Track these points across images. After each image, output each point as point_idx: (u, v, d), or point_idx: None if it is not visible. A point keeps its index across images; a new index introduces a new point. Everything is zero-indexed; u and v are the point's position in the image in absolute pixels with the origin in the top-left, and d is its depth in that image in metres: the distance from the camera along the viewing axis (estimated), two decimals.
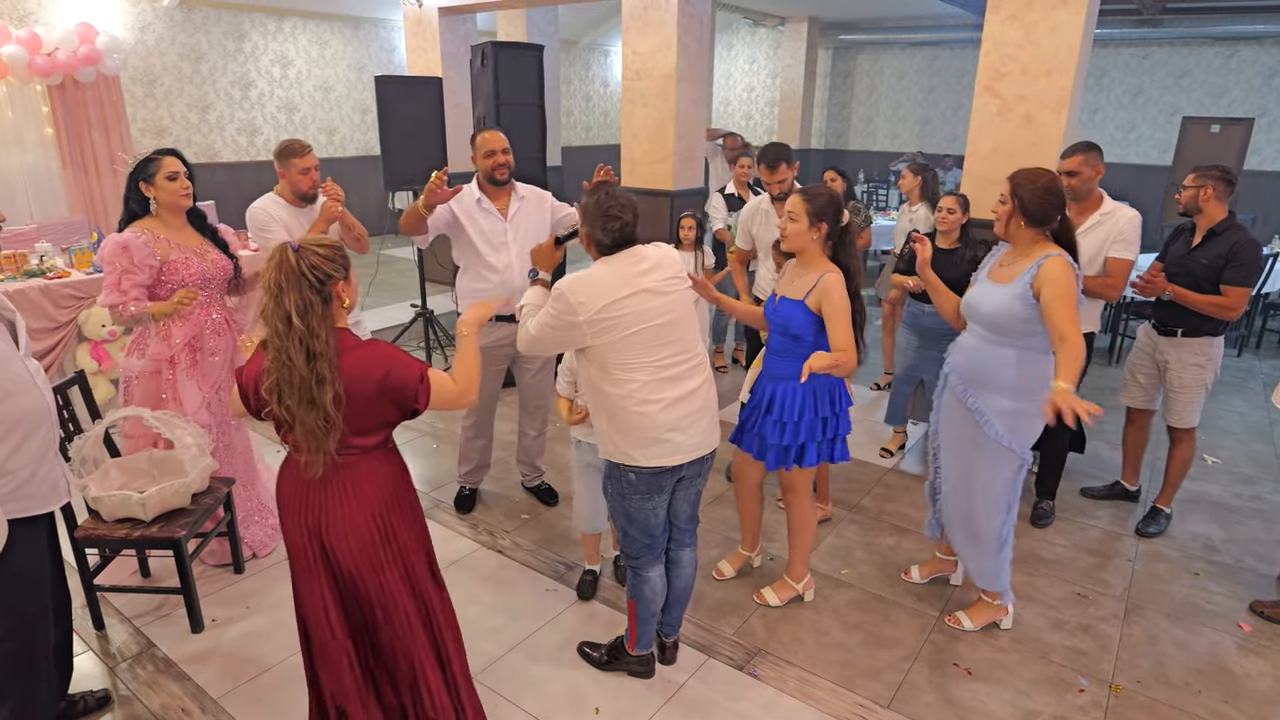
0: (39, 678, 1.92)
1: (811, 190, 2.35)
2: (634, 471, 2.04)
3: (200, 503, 2.52)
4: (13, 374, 1.76)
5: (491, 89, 4.14)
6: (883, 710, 2.22)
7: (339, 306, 1.67)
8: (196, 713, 2.19)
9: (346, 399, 1.61)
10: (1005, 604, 2.57)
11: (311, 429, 1.59)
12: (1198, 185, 2.88)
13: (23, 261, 4.04)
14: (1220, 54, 9.04)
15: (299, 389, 1.58)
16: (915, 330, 3.52)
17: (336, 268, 1.65)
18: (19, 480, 1.79)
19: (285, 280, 1.58)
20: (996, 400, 2.31)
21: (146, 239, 2.49)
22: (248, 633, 2.51)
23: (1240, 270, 2.79)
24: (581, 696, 2.25)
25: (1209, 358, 2.97)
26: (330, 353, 1.59)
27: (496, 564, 2.91)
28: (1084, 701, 2.27)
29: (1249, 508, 3.44)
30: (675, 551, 2.25)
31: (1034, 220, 2.23)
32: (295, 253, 1.60)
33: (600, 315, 1.92)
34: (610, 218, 1.97)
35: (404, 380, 1.65)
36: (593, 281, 1.94)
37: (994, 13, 3.80)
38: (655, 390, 1.98)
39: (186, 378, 2.63)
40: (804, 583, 2.69)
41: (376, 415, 1.68)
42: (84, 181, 6.37)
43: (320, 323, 1.60)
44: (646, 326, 1.95)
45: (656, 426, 1.98)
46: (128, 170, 2.50)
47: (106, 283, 2.47)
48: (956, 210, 3.33)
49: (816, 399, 2.37)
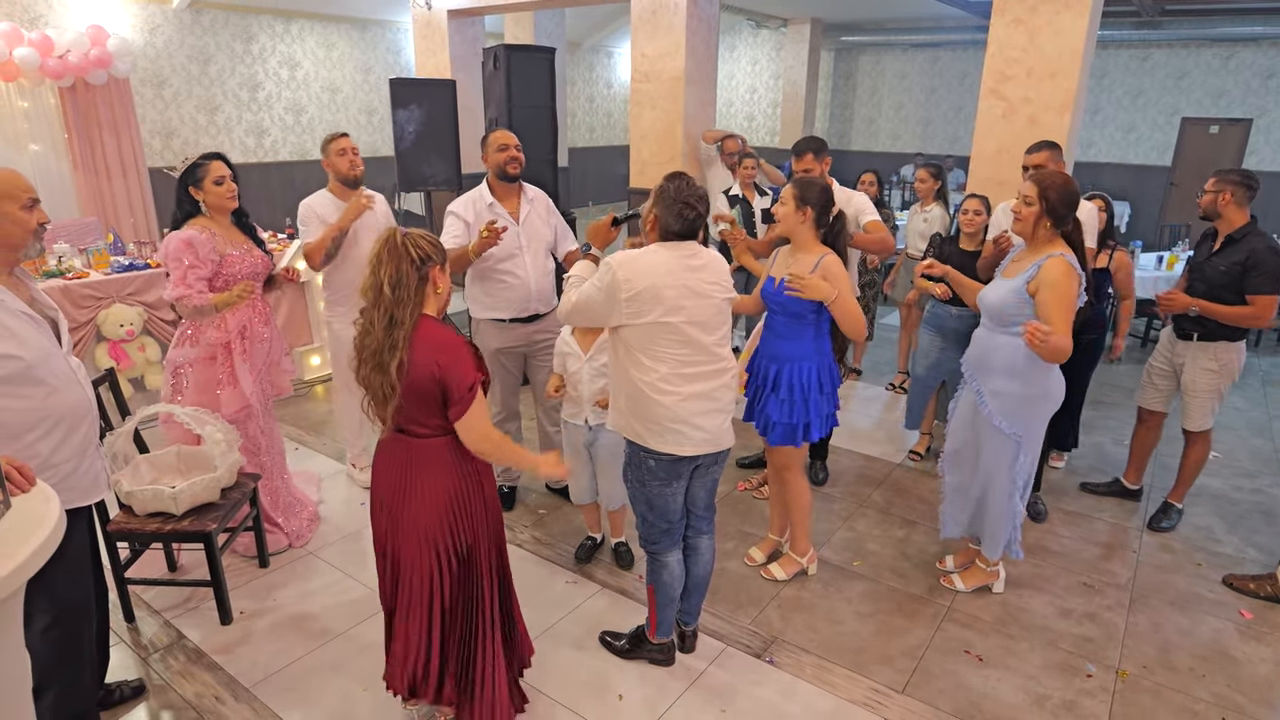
0: (82, 665, 1.98)
1: (803, 179, 2.50)
2: (654, 458, 2.11)
3: (229, 497, 2.59)
4: (57, 370, 1.82)
5: (504, 91, 4.20)
6: (897, 695, 2.29)
7: (432, 291, 1.78)
8: (230, 701, 2.25)
9: (409, 373, 1.71)
10: (998, 569, 2.74)
11: (376, 392, 1.74)
12: (1217, 190, 2.86)
13: (41, 262, 4.10)
14: (1219, 55, 9.12)
15: (373, 353, 1.72)
16: (939, 331, 3.50)
17: (436, 252, 1.79)
18: (63, 473, 1.85)
19: (387, 254, 1.72)
20: (993, 381, 2.49)
21: (207, 236, 2.61)
22: (276, 624, 2.57)
23: (1263, 277, 2.76)
24: (604, 684, 2.32)
25: (1223, 363, 2.98)
26: (409, 325, 1.71)
27: (517, 558, 2.97)
28: (1092, 686, 2.34)
29: (1250, 501, 3.51)
30: (694, 539, 2.31)
31: (1059, 221, 2.35)
32: (403, 235, 1.76)
33: (639, 296, 1.98)
34: (687, 206, 2.02)
35: (458, 377, 1.73)
36: (642, 263, 2.00)
37: (999, 16, 3.86)
38: (675, 383, 2.04)
39: (241, 359, 2.75)
40: (807, 557, 2.83)
41: (428, 399, 1.76)
42: (95, 183, 6.41)
43: (410, 296, 1.72)
44: (678, 321, 2.01)
45: (671, 416, 2.05)
46: (177, 175, 2.62)
47: (173, 278, 2.59)
48: (983, 211, 3.39)
49: (820, 378, 2.53)
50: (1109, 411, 4.45)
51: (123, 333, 4.08)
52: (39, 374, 1.76)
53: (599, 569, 2.90)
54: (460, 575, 1.90)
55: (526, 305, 2.98)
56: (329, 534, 3.11)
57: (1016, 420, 2.47)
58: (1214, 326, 2.94)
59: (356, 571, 2.85)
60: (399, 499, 1.84)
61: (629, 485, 2.24)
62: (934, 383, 3.65)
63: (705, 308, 2.05)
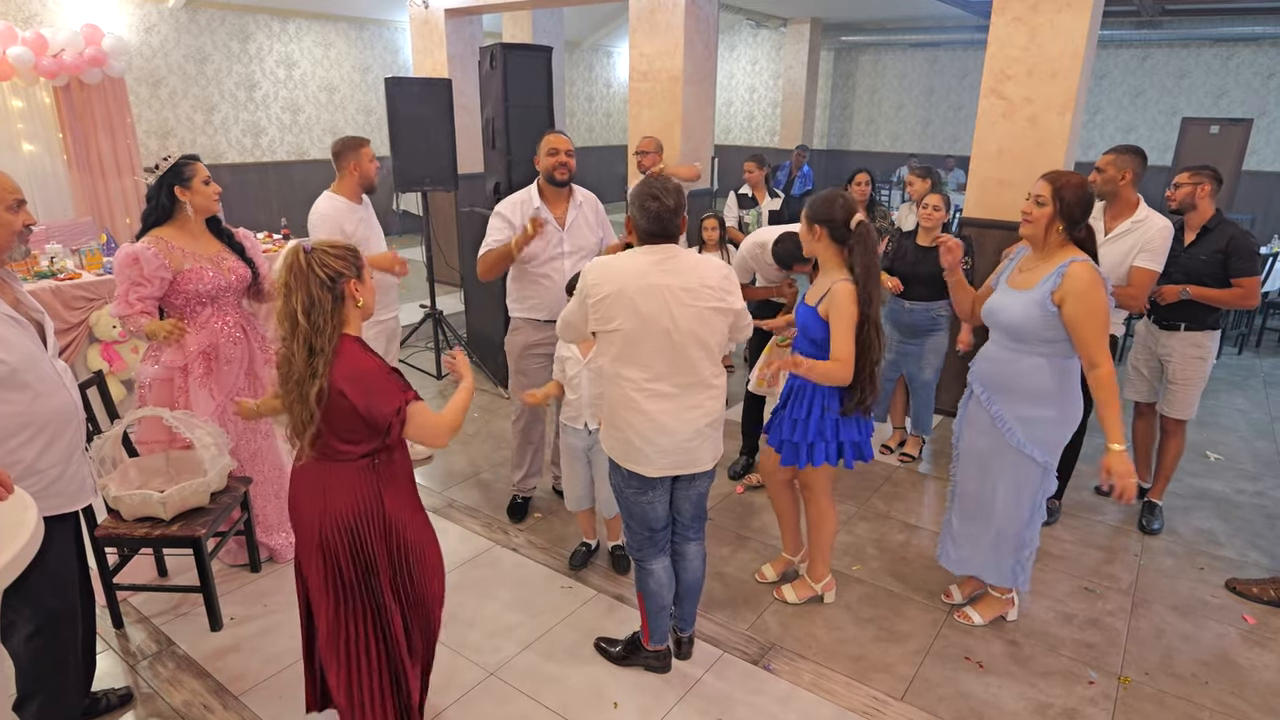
0: (67, 674, 1.95)
1: (814, 197, 2.32)
2: (626, 471, 2.09)
3: (219, 502, 2.55)
4: (42, 374, 1.79)
5: (501, 90, 4.16)
6: (896, 703, 2.25)
7: (352, 306, 1.69)
8: (218, 709, 2.21)
9: (329, 400, 1.64)
10: (1012, 596, 2.60)
11: (296, 420, 1.67)
12: (1195, 182, 2.93)
13: (33, 263, 4.06)
14: (1219, 55, 9.10)
15: (296, 382, 1.64)
16: (896, 325, 3.59)
17: (348, 266, 1.67)
18: (49, 479, 1.82)
19: (294, 280, 1.62)
20: (1019, 408, 2.28)
21: (156, 250, 2.44)
22: (266, 630, 2.54)
23: (1245, 261, 2.86)
24: (600, 691, 2.28)
25: (1209, 350, 3.03)
26: (329, 352, 1.63)
27: (512, 562, 2.94)
28: (1094, 693, 2.30)
29: (1252, 503, 3.48)
30: (680, 545, 2.26)
31: (1072, 224, 2.17)
32: (306, 254, 1.64)
33: (606, 301, 1.93)
34: (650, 197, 1.93)
35: (380, 412, 1.67)
36: (614, 267, 1.96)
37: (999, 15, 3.83)
38: (645, 399, 1.98)
39: (199, 386, 2.59)
40: (824, 583, 2.67)
41: (352, 428, 1.69)
42: (90, 183, 6.37)
43: (327, 320, 1.63)
44: (645, 329, 1.92)
45: (638, 433, 2.00)
46: (159, 174, 2.47)
47: (117, 293, 2.47)
48: (942, 208, 3.41)
49: (825, 400, 2.36)
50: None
51: (115, 334, 4.04)
52: (24, 378, 1.73)
53: (595, 574, 2.87)
54: (350, 589, 1.80)
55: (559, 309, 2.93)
56: None
57: (1049, 448, 2.30)
58: (1200, 315, 2.98)
59: None
60: (311, 521, 1.77)
61: (613, 490, 2.21)
62: (894, 376, 3.75)
63: (684, 315, 1.92)
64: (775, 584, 2.78)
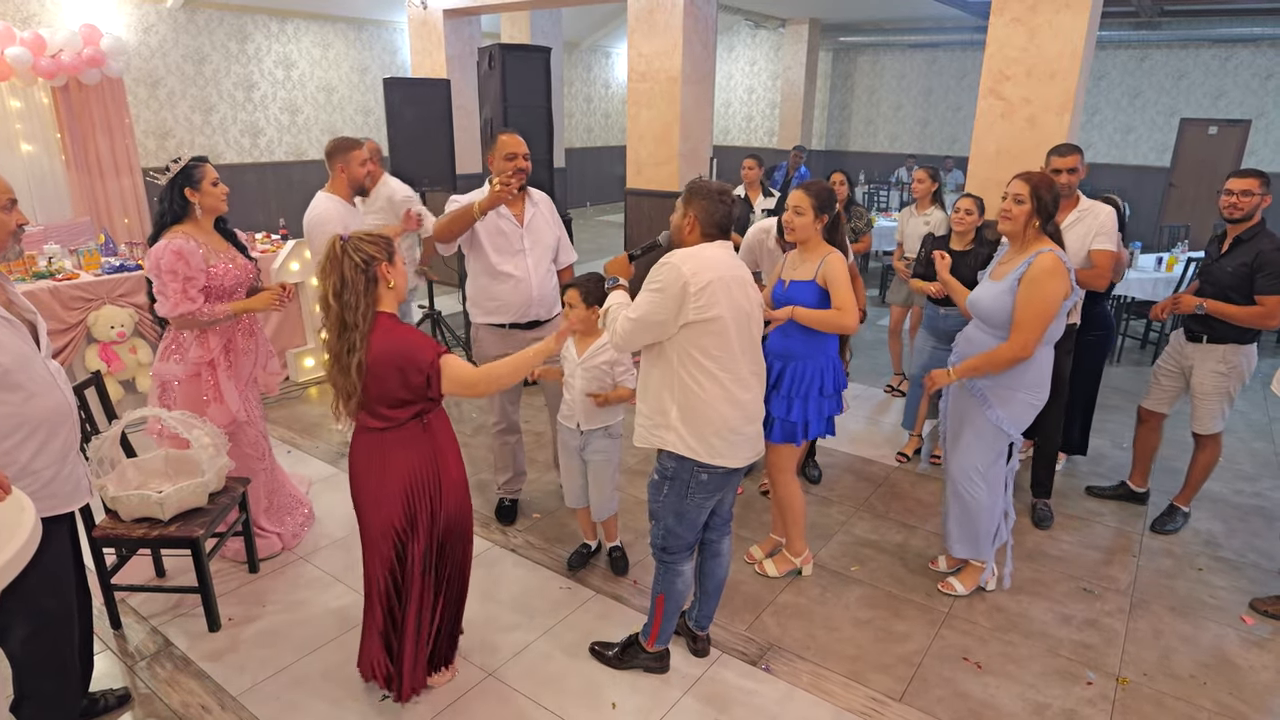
0: (63, 675, 1.95)
1: (812, 186, 2.51)
2: (707, 472, 2.07)
3: (217, 502, 2.55)
4: (35, 375, 1.79)
5: (499, 91, 4.17)
6: (895, 703, 2.25)
7: (384, 287, 1.87)
8: (216, 710, 2.21)
9: (370, 370, 1.82)
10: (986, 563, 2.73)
11: (340, 390, 1.87)
12: (1263, 193, 2.78)
13: (31, 263, 4.06)
14: (1218, 56, 9.11)
15: (335, 355, 1.84)
16: (934, 332, 3.59)
17: (379, 250, 1.86)
18: (43, 480, 1.81)
19: (330, 265, 1.83)
20: (993, 386, 2.49)
21: (194, 245, 2.52)
22: (265, 631, 2.53)
23: (1271, 278, 2.73)
24: (598, 692, 2.28)
25: (1232, 365, 2.94)
26: (364, 327, 1.82)
27: (511, 562, 2.94)
28: (1092, 694, 2.30)
29: (1250, 504, 3.48)
30: (717, 542, 2.30)
31: (1047, 218, 2.39)
32: (343, 241, 1.83)
33: (708, 289, 1.94)
34: (724, 193, 2.04)
35: (416, 361, 1.84)
36: (704, 257, 1.99)
37: (998, 15, 3.83)
38: (740, 390, 2.05)
39: (226, 378, 2.70)
40: (802, 558, 2.82)
41: (395, 390, 1.86)
42: (88, 183, 6.37)
43: (360, 299, 1.82)
44: (739, 315, 2.02)
45: (730, 426, 2.04)
46: (168, 177, 2.51)
47: (169, 291, 2.48)
48: (974, 211, 3.39)
49: (823, 378, 2.53)
50: (1109, 415, 4.42)
51: (114, 334, 4.04)
52: (16, 378, 1.73)
53: (593, 575, 2.87)
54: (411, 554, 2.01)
55: (527, 310, 2.91)
56: (319, 539, 3.07)
57: (1016, 423, 2.51)
58: (1223, 328, 2.91)
59: (346, 576, 2.81)
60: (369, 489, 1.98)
61: (660, 501, 2.17)
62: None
63: (754, 306, 2.08)
64: (760, 561, 2.90)
